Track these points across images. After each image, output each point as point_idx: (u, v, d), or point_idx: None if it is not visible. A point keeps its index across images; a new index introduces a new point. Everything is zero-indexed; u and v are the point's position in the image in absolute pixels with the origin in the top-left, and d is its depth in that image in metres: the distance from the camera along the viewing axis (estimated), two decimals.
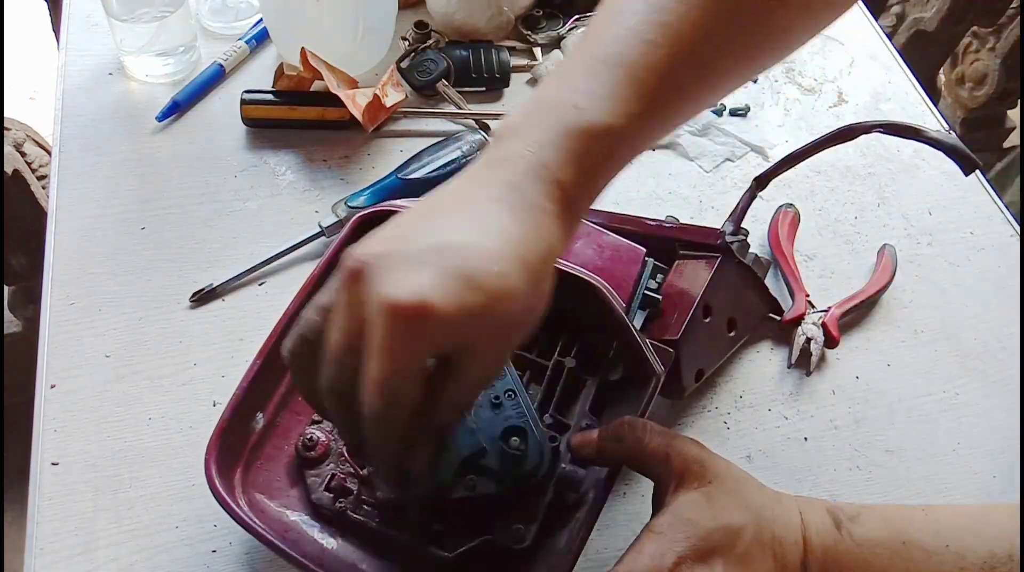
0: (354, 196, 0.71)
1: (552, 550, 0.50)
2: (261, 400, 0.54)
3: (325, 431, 0.54)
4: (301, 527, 0.52)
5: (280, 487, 0.53)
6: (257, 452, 0.54)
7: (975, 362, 0.70)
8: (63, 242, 0.68)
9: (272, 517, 0.52)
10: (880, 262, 0.73)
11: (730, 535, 0.43)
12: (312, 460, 0.53)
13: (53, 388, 0.61)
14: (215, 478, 0.49)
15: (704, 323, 0.60)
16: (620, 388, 0.57)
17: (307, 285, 0.56)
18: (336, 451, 0.54)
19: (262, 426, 0.54)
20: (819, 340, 0.67)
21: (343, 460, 0.54)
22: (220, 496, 0.49)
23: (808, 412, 0.66)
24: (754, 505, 0.45)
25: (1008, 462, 0.64)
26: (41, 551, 0.54)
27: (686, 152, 0.80)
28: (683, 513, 0.44)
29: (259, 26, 0.82)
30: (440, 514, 0.50)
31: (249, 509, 0.50)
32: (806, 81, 0.87)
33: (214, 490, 0.49)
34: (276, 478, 0.54)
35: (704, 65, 0.43)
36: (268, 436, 0.55)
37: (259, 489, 0.53)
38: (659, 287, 0.61)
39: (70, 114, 0.76)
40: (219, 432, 0.51)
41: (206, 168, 0.74)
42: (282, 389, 0.55)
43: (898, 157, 0.82)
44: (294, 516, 0.52)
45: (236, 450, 0.53)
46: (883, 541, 0.45)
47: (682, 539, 0.43)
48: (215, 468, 0.50)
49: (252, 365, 0.53)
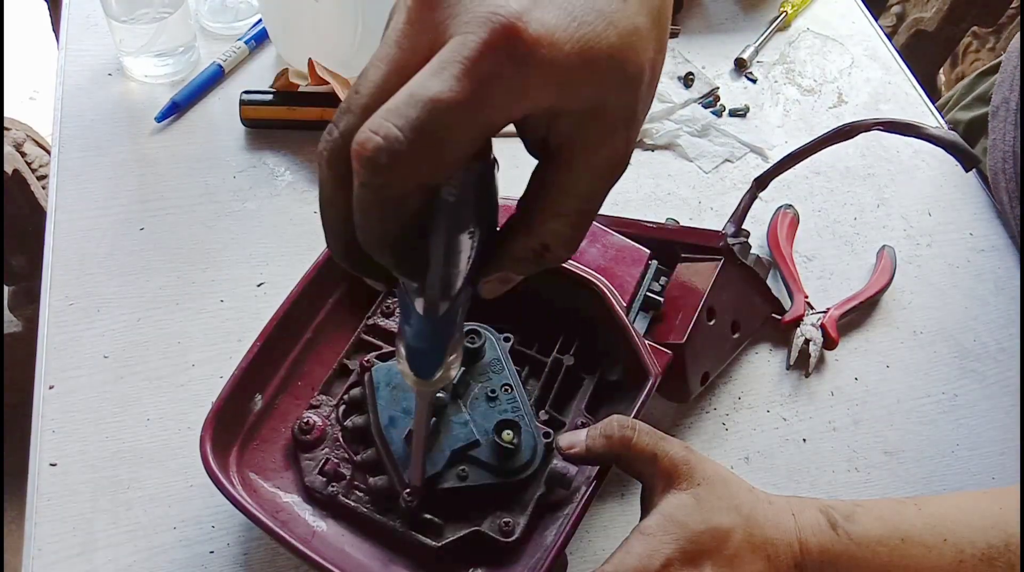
0: None
1: (539, 545, 0.51)
2: (260, 382, 0.55)
3: (322, 416, 0.55)
4: (293, 509, 0.53)
5: (275, 469, 0.54)
6: (254, 433, 0.55)
7: (974, 363, 0.70)
8: (62, 242, 0.68)
9: (264, 497, 0.52)
10: (879, 263, 0.73)
11: (719, 537, 0.43)
12: (307, 444, 0.54)
13: (52, 389, 0.61)
14: (209, 455, 0.50)
15: (708, 326, 0.60)
16: (617, 388, 0.57)
17: (302, 282, 0.56)
18: (331, 436, 0.55)
19: (260, 408, 0.55)
20: (818, 341, 0.67)
21: (338, 445, 0.54)
22: (213, 473, 0.49)
23: (807, 413, 0.66)
24: (744, 507, 0.45)
25: (1007, 463, 0.65)
26: (39, 552, 0.54)
27: (685, 153, 0.80)
28: (672, 515, 0.44)
29: (258, 26, 0.82)
30: (430, 503, 0.51)
31: (242, 488, 0.51)
32: (806, 82, 0.87)
33: (207, 467, 0.49)
34: (271, 460, 0.54)
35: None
36: (265, 418, 0.55)
37: (254, 469, 0.53)
38: (662, 289, 0.61)
39: (70, 114, 0.76)
40: (216, 410, 0.51)
41: (205, 169, 0.74)
42: (281, 373, 0.56)
43: (898, 158, 0.82)
44: (287, 498, 0.53)
45: (233, 429, 0.53)
46: (881, 539, 0.46)
47: (671, 541, 0.43)
48: (210, 445, 0.50)
49: (252, 346, 0.54)
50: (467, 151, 0.28)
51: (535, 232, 0.32)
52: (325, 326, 0.59)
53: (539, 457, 0.52)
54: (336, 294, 0.59)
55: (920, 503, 0.48)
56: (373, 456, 0.53)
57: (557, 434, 0.53)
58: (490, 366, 0.54)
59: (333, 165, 0.30)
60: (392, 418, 0.52)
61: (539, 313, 0.58)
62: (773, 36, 0.90)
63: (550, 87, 0.29)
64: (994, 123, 0.78)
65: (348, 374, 0.57)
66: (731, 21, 0.91)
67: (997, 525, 0.45)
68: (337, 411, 0.55)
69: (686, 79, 0.84)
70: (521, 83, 0.28)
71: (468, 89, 0.27)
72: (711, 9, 0.92)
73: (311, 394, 0.57)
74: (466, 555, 0.51)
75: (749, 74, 0.87)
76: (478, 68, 0.27)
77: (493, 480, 0.51)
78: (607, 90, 0.30)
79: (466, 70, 0.27)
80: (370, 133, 0.27)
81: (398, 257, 0.30)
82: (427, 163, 0.28)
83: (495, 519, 0.51)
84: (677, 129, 0.81)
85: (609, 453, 0.47)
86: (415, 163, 0.27)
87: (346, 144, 0.28)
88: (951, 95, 0.94)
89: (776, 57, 0.89)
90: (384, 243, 0.30)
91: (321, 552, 0.48)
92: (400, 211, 0.29)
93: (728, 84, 0.86)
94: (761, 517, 0.45)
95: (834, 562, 0.45)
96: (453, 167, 0.29)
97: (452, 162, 0.28)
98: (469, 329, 0.55)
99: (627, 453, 0.47)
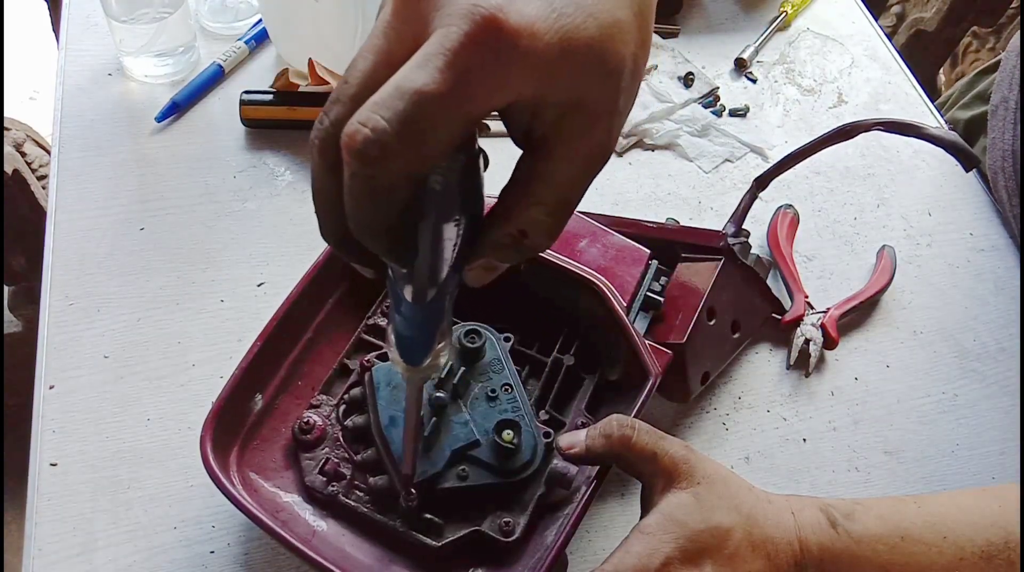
0: None
1: (540, 545, 0.51)
2: (260, 382, 0.55)
3: (322, 416, 0.55)
4: (293, 508, 0.53)
5: (275, 468, 0.54)
6: (254, 433, 0.55)
7: (974, 363, 0.70)
8: (62, 242, 0.68)
9: (264, 497, 0.52)
10: (879, 263, 0.73)
11: (719, 536, 0.43)
12: (308, 443, 0.54)
13: (52, 389, 0.61)
14: (210, 455, 0.50)
15: (709, 326, 0.60)
16: (617, 388, 0.57)
17: (302, 282, 0.56)
18: (332, 436, 0.55)
19: (260, 408, 0.55)
20: (818, 341, 0.67)
21: (338, 445, 0.54)
22: (213, 472, 0.49)
23: (807, 413, 0.66)
24: (744, 506, 0.45)
25: (1007, 463, 0.65)
26: (40, 551, 0.54)
27: (685, 153, 0.80)
28: (672, 514, 0.44)
29: (258, 26, 0.82)
30: (430, 503, 0.51)
31: (242, 487, 0.51)
32: (806, 82, 0.87)
33: (208, 467, 0.49)
34: (272, 459, 0.54)
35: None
36: (266, 418, 0.55)
37: (254, 469, 0.54)
38: (662, 289, 0.61)
39: (70, 114, 0.76)
40: (216, 410, 0.51)
41: (205, 169, 0.74)
42: (282, 372, 0.56)
43: (898, 158, 0.82)
44: (287, 497, 0.53)
45: (233, 429, 0.53)
46: (881, 537, 0.46)
47: (671, 540, 0.43)
48: (210, 445, 0.50)
49: (252, 346, 0.54)
50: (453, 141, 0.29)
51: (513, 219, 0.33)
52: (325, 326, 0.59)
53: (539, 457, 0.52)
54: (336, 294, 0.59)
55: (920, 501, 0.48)
56: (373, 456, 0.53)
57: (557, 434, 0.53)
58: (490, 366, 0.54)
59: (324, 153, 0.31)
60: (392, 418, 0.52)
61: (539, 313, 0.58)
62: (773, 36, 0.90)
63: (531, 78, 0.29)
64: (993, 122, 0.78)
65: (348, 374, 0.57)
66: (731, 21, 0.91)
67: (997, 523, 0.46)
68: (337, 411, 0.55)
69: (686, 79, 0.84)
70: (502, 74, 0.29)
71: (451, 80, 0.28)
72: (711, 9, 0.92)
73: (311, 394, 0.57)
74: (466, 555, 0.51)
75: (749, 74, 0.87)
76: (460, 60, 0.28)
77: (493, 480, 0.51)
78: (588, 82, 0.31)
79: (449, 62, 0.28)
80: (359, 125, 0.28)
81: (387, 244, 0.31)
82: (414, 153, 0.28)
83: (495, 519, 0.51)
84: (677, 129, 0.81)
85: (609, 453, 0.47)
86: (403, 154, 0.28)
87: (336, 133, 0.29)
88: (950, 94, 0.94)
89: (776, 57, 0.89)
90: (374, 230, 0.30)
91: (322, 552, 0.48)
92: (389, 200, 0.29)
93: (728, 84, 0.86)
94: (761, 516, 0.45)
95: (834, 560, 0.45)
96: (440, 157, 0.30)
97: (438, 152, 0.29)
98: (469, 329, 0.55)
99: (627, 452, 0.47)
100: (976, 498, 0.48)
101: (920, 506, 0.47)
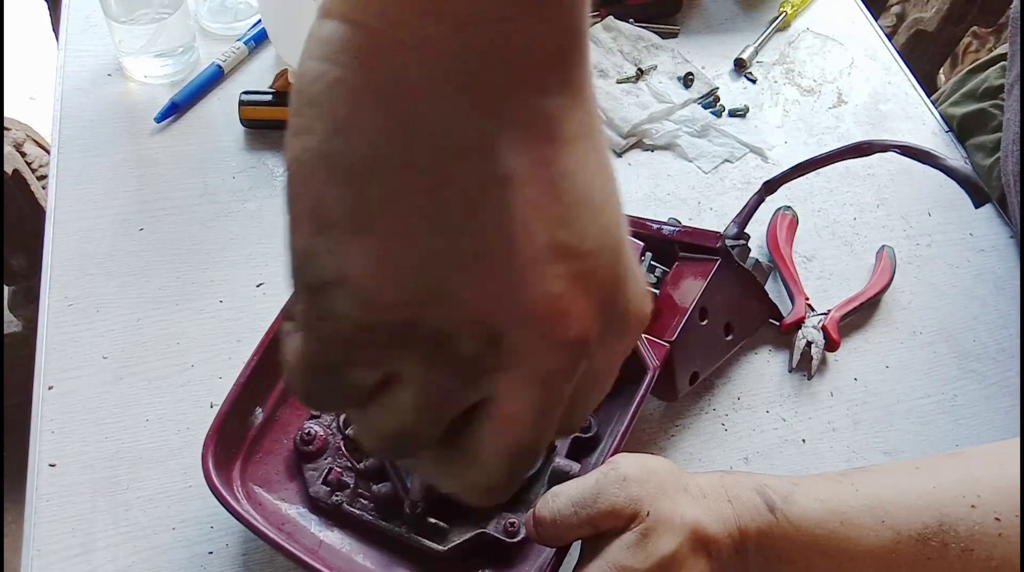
0: None
1: None
2: (259, 395, 0.55)
3: (323, 425, 0.55)
4: (298, 520, 0.53)
5: (278, 481, 0.54)
6: (256, 446, 0.55)
7: (974, 364, 0.70)
8: (61, 243, 0.68)
9: (269, 510, 0.52)
10: (879, 263, 0.73)
11: (666, 564, 0.43)
12: (310, 454, 0.54)
13: (51, 389, 0.61)
14: (212, 472, 0.50)
15: (700, 326, 0.60)
16: (614, 383, 0.57)
17: None
18: (333, 445, 0.55)
19: (261, 421, 0.55)
20: (819, 344, 0.67)
21: (340, 454, 0.54)
22: (216, 490, 0.49)
23: (806, 414, 0.66)
24: (687, 518, 0.45)
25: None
26: (39, 552, 0.54)
27: (685, 153, 0.80)
28: (617, 560, 0.43)
29: (258, 27, 0.82)
30: (435, 508, 0.51)
31: (247, 502, 0.51)
32: (805, 82, 0.87)
33: (211, 484, 0.49)
34: (275, 472, 0.54)
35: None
36: (267, 430, 0.55)
37: (257, 482, 0.53)
38: (656, 283, 0.61)
39: (69, 115, 0.76)
40: (216, 427, 0.51)
41: (205, 169, 0.74)
42: (281, 384, 0.56)
43: (898, 158, 0.82)
44: (291, 509, 0.53)
45: (234, 444, 0.53)
46: (820, 522, 0.46)
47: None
48: (212, 462, 0.50)
49: (249, 362, 0.54)
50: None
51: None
52: None
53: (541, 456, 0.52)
54: None
55: (857, 483, 0.48)
56: (376, 463, 0.53)
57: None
58: None
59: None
60: None
61: None
62: (773, 36, 0.90)
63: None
64: (1009, 101, 0.77)
65: None
66: (731, 21, 0.91)
67: (932, 505, 0.46)
68: (338, 420, 0.55)
69: (686, 79, 0.84)
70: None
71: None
72: (711, 9, 0.92)
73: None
74: (473, 557, 0.51)
75: (749, 74, 0.87)
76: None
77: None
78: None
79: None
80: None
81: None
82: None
83: (500, 520, 0.51)
84: (677, 129, 0.80)
85: (568, 535, 0.46)
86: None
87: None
88: (942, 91, 0.93)
89: (776, 57, 0.89)
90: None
91: (329, 562, 0.48)
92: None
93: (728, 84, 0.86)
94: (702, 517, 0.45)
95: (773, 545, 0.46)
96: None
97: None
98: None
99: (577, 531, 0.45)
100: (913, 478, 0.48)
101: (858, 489, 0.47)
